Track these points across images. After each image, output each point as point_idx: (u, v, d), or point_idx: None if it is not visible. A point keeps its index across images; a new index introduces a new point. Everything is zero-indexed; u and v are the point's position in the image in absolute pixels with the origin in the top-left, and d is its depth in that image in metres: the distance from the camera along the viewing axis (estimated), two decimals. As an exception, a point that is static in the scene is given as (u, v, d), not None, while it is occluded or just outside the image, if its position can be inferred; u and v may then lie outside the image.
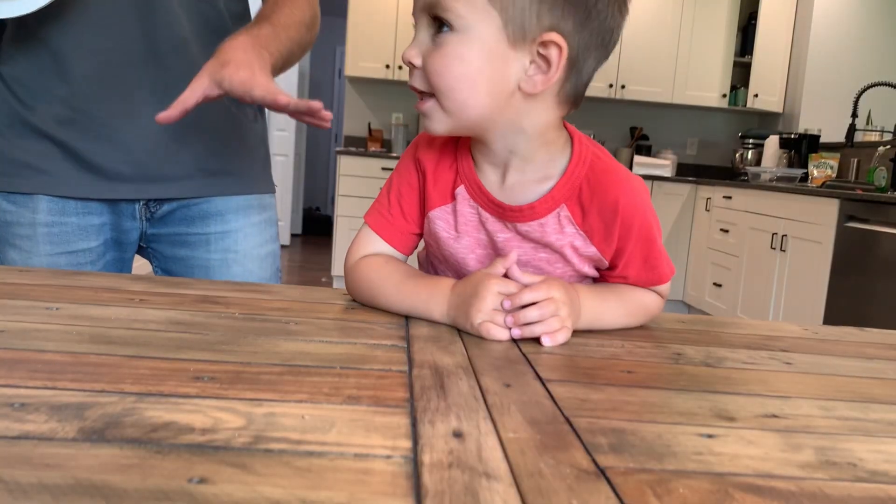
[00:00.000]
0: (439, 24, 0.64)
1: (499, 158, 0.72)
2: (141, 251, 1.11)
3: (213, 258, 1.05)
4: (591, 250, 0.73)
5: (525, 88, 0.65)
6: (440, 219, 0.76)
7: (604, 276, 0.77)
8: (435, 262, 0.83)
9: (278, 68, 0.94)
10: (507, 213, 0.72)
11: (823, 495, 0.37)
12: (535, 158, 0.71)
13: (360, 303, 0.76)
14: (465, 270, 0.77)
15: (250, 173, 1.09)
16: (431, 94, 0.66)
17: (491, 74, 0.64)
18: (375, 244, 0.78)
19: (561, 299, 0.65)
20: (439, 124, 0.68)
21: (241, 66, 0.82)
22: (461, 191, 0.74)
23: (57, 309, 0.63)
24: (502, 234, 0.74)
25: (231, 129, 1.07)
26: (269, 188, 1.14)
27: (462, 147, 0.75)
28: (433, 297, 0.69)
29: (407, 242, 0.79)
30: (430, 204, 0.76)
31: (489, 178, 0.73)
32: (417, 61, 0.66)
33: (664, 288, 0.77)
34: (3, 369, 0.46)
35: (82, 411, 0.40)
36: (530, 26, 0.63)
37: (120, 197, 1.00)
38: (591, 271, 0.76)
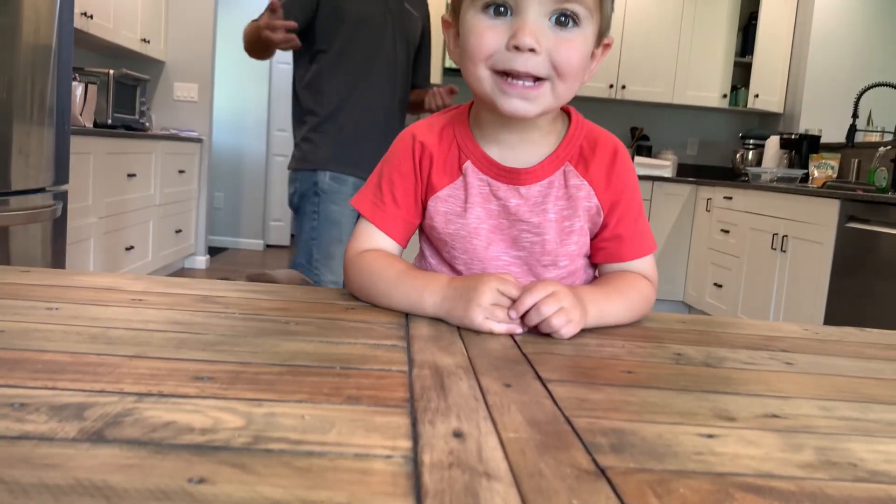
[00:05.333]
0: (561, 17, 0.70)
1: (515, 132, 0.78)
2: None
3: None
4: (594, 202, 0.79)
5: (586, 80, 0.76)
6: (449, 197, 0.80)
7: (597, 243, 0.81)
8: (434, 261, 0.84)
9: None
10: (521, 177, 0.78)
11: (824, 495, 0.37)
12: (545, 128, 0.79)
13: (356, 296, 0.77)
14: (470, 247, 0.79)
15: None
16: (545, 79, 0.71)
17: (585, 66, 0.74)
18: (373, 236, 0.81)
19: (563, 294, 0.66)
20: (539, 107, 0.72)
21: None
22: (469, 166, 0.79)
23: (57, 309, 0.63)
24: (514, 199, 0.78)
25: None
26: None
27: (459, 125, 0.81)
28: (427, 288, 0.71)
29: (403, 231, 0.82)
30: (435, 187, 0.80)
31: (493, 150, 0.79)
32: (539, 48, 0.69)
33: (653, 273, 0.82)
34: (3, 369, 0.46)
35: (82, 411, 0.40)
36: (605, 32, 0.76)
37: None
38: (586, 244, 0.81)
